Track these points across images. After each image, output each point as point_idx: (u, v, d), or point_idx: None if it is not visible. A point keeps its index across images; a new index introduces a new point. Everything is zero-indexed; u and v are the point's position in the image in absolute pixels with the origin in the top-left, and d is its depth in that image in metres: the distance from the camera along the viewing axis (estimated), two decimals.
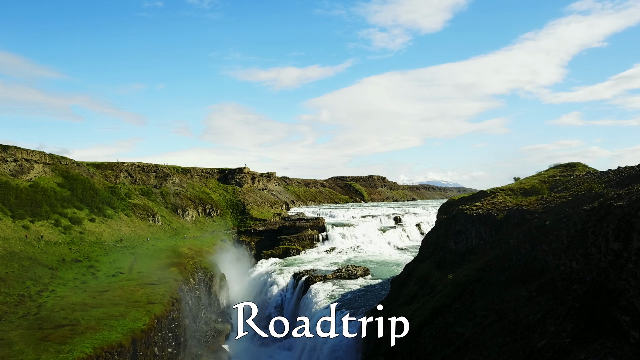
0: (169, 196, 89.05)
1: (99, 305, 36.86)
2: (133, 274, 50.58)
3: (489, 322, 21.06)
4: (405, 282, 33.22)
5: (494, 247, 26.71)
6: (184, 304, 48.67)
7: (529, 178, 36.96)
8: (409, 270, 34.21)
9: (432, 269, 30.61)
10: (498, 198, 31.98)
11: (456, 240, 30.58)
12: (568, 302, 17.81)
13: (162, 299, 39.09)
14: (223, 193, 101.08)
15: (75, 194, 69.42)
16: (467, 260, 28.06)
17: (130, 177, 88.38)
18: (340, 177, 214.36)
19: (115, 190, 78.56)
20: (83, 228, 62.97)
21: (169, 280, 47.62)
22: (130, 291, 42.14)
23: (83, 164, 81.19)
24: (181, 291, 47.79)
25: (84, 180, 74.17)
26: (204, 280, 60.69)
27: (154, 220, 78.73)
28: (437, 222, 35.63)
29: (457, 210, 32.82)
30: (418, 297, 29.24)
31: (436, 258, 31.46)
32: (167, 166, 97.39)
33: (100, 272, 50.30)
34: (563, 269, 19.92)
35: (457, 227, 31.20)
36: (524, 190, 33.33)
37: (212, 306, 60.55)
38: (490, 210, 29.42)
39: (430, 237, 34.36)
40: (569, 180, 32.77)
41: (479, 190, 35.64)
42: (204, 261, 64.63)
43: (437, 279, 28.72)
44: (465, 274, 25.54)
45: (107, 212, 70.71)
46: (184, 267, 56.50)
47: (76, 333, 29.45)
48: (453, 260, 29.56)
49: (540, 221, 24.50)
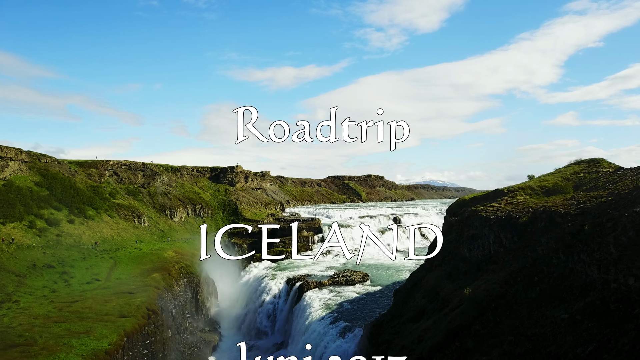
0: (157, 196, 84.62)
1: (64, 319, 32.55)
2: (110, 281, 46.28)
3: (521, 351, 16.98)
4: (411, 293, 29.13)
5: (518, 256, 22.65)
6: (166, 314, 44.44)
7: (548, 175, 33.01)
8: (415, 280, 30.11)
9: (443, 280, 26.53)
10: (517, 198, 27.95)
11: (470, 247, 26.52)
12: (631, 331, 13.77)
13: (136, 312, 34.79)
14: (214, 193, 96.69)
15: (53, 193, 64.94)
16: (485, 271, 24.00)
17: (116, 176, 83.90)
18: (337, 176, 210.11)
19: (98, 190, 74.07)
20: (60, 230, 58.49)
21: (149, 289, 43.34)
22: (103, 302, 37.86)
23: (65, 161, 76.67)
24: (162, 300, 43.53)
25: (65, 179, 69.68)
26: (191, 287, 56.42)
27: (139, 221, 74.31)
28: (447, 225, 31.56)
29: (469, 212, 28.76)
30: (427, 312, 25.16)
31: (447, 267, 27.38)
32: (156, 165, 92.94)
33: (74, 278, 45.94)
34: (615, 287, 15.88)
35: (470, 231, 27.14)
36: (546, 188, 29.36)
37: (199, 314, 56.31)
38: (510, 212, 25.37)
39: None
40: (597, 178, 28.82)
41: (494, 189, 31.61)
42: (191, 265, 60.36)
43: (450, 292, 24.65)
44: (485, 288, 21.47)
45: (89, 212, 66.24)
46: (167, 273, 52.25)
47: (27, 356, 25.16)
48: (467, 270, 25.48)
49: (576, 226, 20.49)
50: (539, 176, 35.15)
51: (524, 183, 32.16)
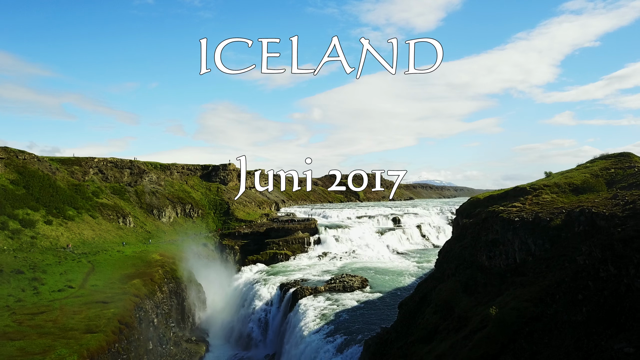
0: (144, 195, 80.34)
1: (21, 335, 28.46)
2: (85, 289, 42.12)
3: None
4: (420, 307, 25.20)
5: (552, 267, 18.77)
6: (146, 324, 40.40)
7: (573, 172, 29.21)
8: (424, 292, 26.18)
9: (458, 293, 22.62)
10: (543, 197, 24.09)
11: (490, 254, 22.63)
12: None
13: (106, 326, 30.69)
14: (205, 192, 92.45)
15: (30, 192, 60.65)
16: (510, 283, 20.12)
17: (101, 174, 79.56)
18: (334, 175, 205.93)
19: (80, 189, 69.75)
20: (36, 232, 54.24)
21: (126, 297, 39.23)
22: (71, 313, 33.75)
23: (45, 158, 72.31)
24: (140, 310, 39.46)
25: (44, 177, 65.37)
26: (176, 293, 52.32)
27: (124, 222, 70.06)
28: (459, 228, 27.67)
29: (487, 213, 24.88)
30: (440, 332, 21.26)
31: (462, 277, 23.48)
32: (144, 162, 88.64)
33: (45, 286, 41.71)
34: None
35: (490, 235, 23.25)
36: (575, 186, 25.54)
37: (185, 323, 52.24)
38: (538, 213, 21.50)
39: (452, 248, 26.36)
40: (634, 174, 25.04)
41: (513, 187, 27.78)
42: (178, 269, 56.24)
43: (468, 308, 20.77)
44: (515, 306, 17.57)
45: (68, 213, 61.96)
46: (150, 279, 48.11)
47: None
48: (487, 282, 21.60)
49: (628, 230, 16.70)
50: (559, 172, 31.41)
51: (546, 180, 28.34)
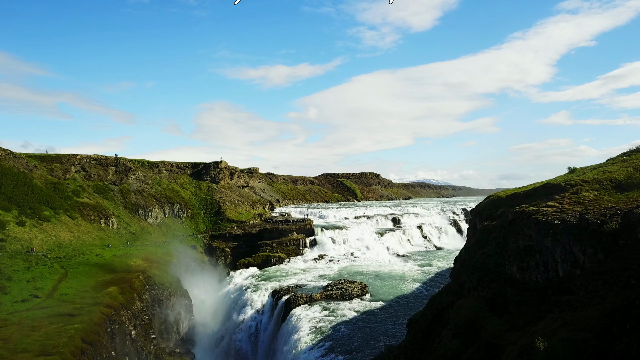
0: (130, 194, 75.77)
1: None
2: (53, 298, 37.72)
3: None
4: (434, 327, 21.01)
5: (611, 284, 14.66)
6: (121, 339, 36.05)
7: (609, 165, 25.16)
8: (438, 308, 21.99)
9: (483, 312, 18.47)
10: (584, 194, 20.00)
11: (523, 265, 18.50)
12: None
13: (65, 346, 26.32)
14: (195, 191, 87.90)
15: (2, 191, 56.01)
16: (554, 304, 16.00)
17: (83, 172, 74.94)
18: (331, 174, 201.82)
19: (59, 187, 65.14)
20: (6, 234, 49.64)
21: (96, 308, 34.85)
22: (30, 329, 29.38)
23: (22, 155, 67.66)
24: (114, 323, 35.08)
25: (18, 175, 60.71)
26: (159, 300, 47.95)
27: (107, 222, 65.53)
28: (479, 232, 23.53)
29: (514, 214, 20.74)
30: None
31: (487, 292, 19.31)
32: (131, 160, 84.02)
33: (7, 295, 37.23)
34: None
35: (521, 241, 19.11)
36: (617, 182, 21.49)
37: (169, 333, 47.85)
38: (584, 215, 17.38)
39: (472, 256, 22.17)
40: None
41: (542, 183, 23.69)
42: (162, 275, 51.87)
43: (498, 334, 16.63)
44: (567, 337, 13.42)
45: (44, 213, 57.39)
46: (129, 286, 43.75)
47: None
48: (521, 300, 17.47)
49: None
50: (590, 167, 27.42)
51: (581, 175, 24.25)
